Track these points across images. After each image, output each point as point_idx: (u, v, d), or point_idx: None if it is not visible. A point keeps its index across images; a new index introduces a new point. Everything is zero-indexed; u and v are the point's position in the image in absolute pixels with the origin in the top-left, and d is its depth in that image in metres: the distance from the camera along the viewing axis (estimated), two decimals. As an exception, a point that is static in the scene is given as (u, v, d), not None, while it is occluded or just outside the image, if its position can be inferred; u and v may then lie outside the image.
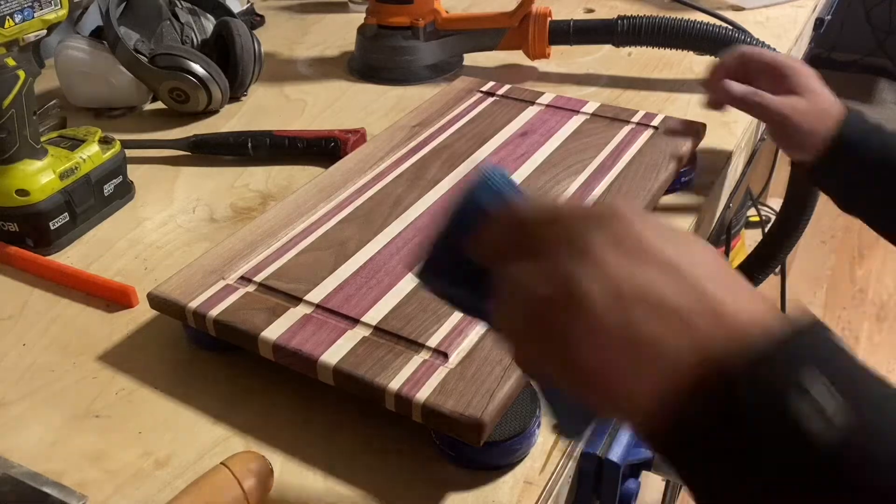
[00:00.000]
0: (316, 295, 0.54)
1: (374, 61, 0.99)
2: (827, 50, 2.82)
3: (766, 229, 1.32)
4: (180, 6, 0.97)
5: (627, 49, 1.01)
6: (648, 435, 0.31)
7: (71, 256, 0.68)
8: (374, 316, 0.52)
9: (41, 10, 0.63)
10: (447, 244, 0.36)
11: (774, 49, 0.86)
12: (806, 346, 0.28)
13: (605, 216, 0.32)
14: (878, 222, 0.69)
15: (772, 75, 0.67)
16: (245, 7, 1.18)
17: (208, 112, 0.90)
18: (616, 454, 0.53)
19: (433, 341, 0.50)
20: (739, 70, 0.69)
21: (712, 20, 0.92)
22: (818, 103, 0.66)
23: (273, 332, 0.51)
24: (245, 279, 0.56)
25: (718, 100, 0.69)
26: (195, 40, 0.97)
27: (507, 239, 0.34)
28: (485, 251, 0.35)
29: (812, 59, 1.42)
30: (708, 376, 0.28)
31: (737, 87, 0.67)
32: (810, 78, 0.67)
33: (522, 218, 0.33)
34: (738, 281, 0.31)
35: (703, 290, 0.29)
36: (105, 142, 0.72)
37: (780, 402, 0.27)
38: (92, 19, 1.01)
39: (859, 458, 0.27)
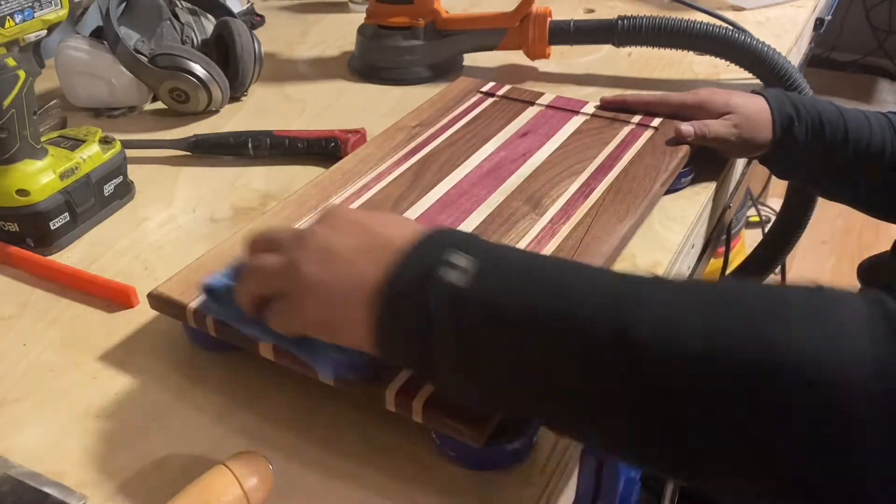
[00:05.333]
0: (316, 295, 0.54)
1: (374, 61, 0.99)
2: (827, 50, 2.81)
3: (767, 229, 1.32)
4: (180, 6, 0.97)
5: (627, 49, 1.01)
6: (373, 346, 0.41)
7: (71, 256, 0.68)
8: (374, 316, 0.52)
9: (41, 10, 0.63)
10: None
11: (774, 49, 0.86)
12: (445, 236, 0.41)
13: (325, 214, 0.45)
14: (830, 190, 0.78)
15: (700, 110, 0.74)
16: (245, 7, 1.18)
17: (208, 112, 0.90)
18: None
19: (433, 341, 0.50)
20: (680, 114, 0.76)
21: (712, 20, 0.92)
22: (749, 113, 0.71)
23: (273, 332, 0.51)
24: (245, 279, 0.56)
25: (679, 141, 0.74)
26: (195, 40, 0.97)
27: (257, 246, 0.48)
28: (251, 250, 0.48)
29: (812, 59, 1.42)
30: (385, 276, 0.40)
31: (685, 126, 0.72)
32: (727, 98, 0.73)
33: (267, 235, 0.48)
34: (406, 222, 0.44)
35: (379, 233, 0.42)
36: (105, 142, 0.72)
37: (431, 269, 0.38)
38: (92, 19, 1.01)
39: (489, 290, 0.38)
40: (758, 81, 0.89)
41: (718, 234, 0.91)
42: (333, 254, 0.42)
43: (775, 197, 1.74)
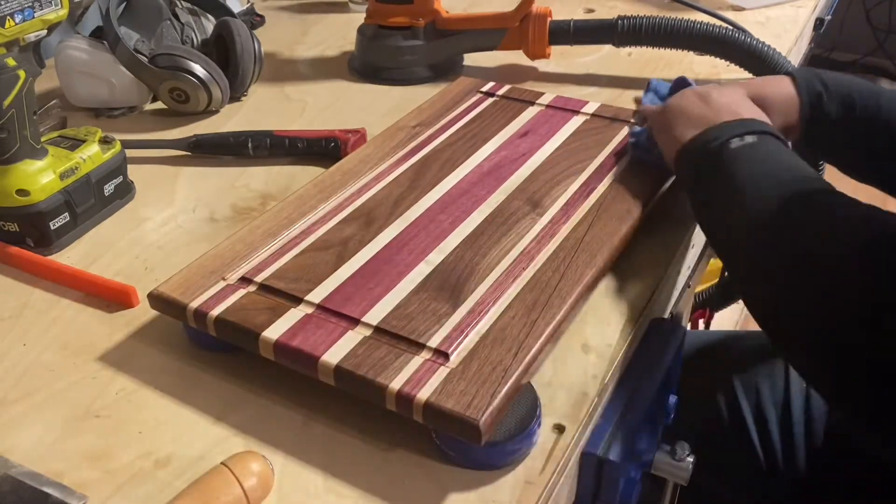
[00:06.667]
0: (316, 295, 0.54)
1: (374, 61, 0.99)
2: (827, 50, 2.81)
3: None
4: (180, 6, 0.97)
5: (627, 49, 1.01)
6: (675, 157, 0.63)
7: (71, 256, 0.68)
8: (374, 316, 0.52)
9: (41, 10, 0.63)
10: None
11: (775, 49, 0.86)
12: (745, 124, 0.60)
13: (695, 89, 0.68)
14: (864, 172, 0.76)
15: None
16: (245, 7, 1.18)
17: (208, 112, 0.90)
18: (616, 454, 0.53)
19: (434, 341, 0.50)
20: None
21: (712, 20, 0.92)
22: (776, 104, 0.69)
23: (273, 332, 0.51)
24: (245, 279, 0.56)
25: None
26: (195, 40, 0.97)
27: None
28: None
29: (812, 59, 1.42)
30: (704, 132, 0.61)
31: None
32: (756, 93, 0.70)
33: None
34: (736, 110, 0.63)
35: (718, 110, 0.63)
36: (105, 142, 0.72)
37: (718, 149, 0.59)
38: (92, 19, 1.01)
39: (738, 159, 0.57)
40: (758, 81, 0.89)
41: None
42: (683, 110, 0.65)
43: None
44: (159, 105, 0.92)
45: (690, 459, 0.61)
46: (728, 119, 0.61)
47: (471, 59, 1.01)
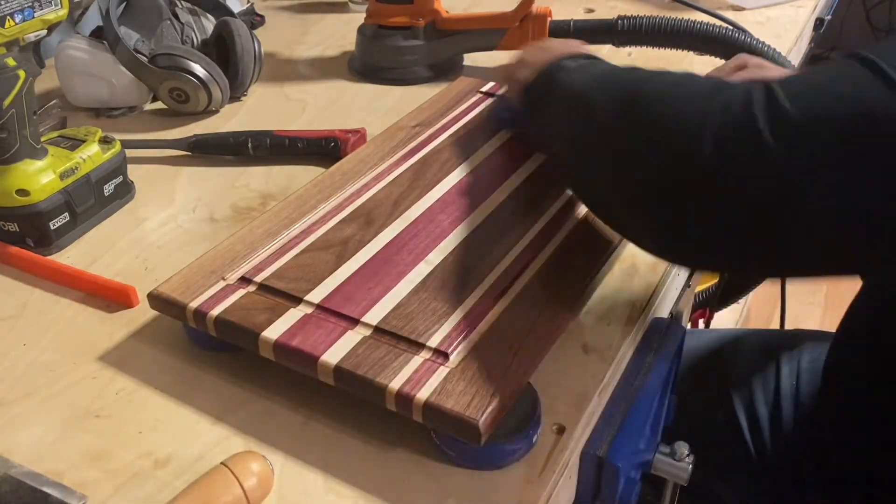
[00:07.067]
0: (316, 295, 0.54)
1: (374, 61, 0.99)
2: (827, 50, 2.81)
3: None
4: (180, 6, 0.97)
5: (627, 49, 1.01)
6: (521, 102, 0.65)
7: (71, 256, 0.68)
8: (374, 316, 0.52)
9: (41, 10, 0.63)
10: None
11: (774, 49, 0.86)
12: (574, 57, 0.63)
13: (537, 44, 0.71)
14: None
15: None
16: (245, 7, 1.18)
17: (208, 112, 0.90)
18: (616, 454, 0.53)
19: (434, 341, 0.50)
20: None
21: (712, 20, 0.92)
22: None
23: (273, 331, 0.51)
24: (245, 279, 0.56)
25: None
26: (195, 40, 0.97)
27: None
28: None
29: (812, 59, 1.42)
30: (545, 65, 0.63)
31: None
32: None
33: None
34: (570, 49, 0.66)
35: (556, 52, 0.65)
36: (105, 142, 0.72)
37: (554, 70, 0.61)
38: (92, 19, 1.01)
39: (569, 74, 0.60)
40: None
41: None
42: (539, 51, 0.67)
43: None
44: (159, 105, 0.92)
45: (690, 459, 0.61)
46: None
47: (471, 59, 1.01)
